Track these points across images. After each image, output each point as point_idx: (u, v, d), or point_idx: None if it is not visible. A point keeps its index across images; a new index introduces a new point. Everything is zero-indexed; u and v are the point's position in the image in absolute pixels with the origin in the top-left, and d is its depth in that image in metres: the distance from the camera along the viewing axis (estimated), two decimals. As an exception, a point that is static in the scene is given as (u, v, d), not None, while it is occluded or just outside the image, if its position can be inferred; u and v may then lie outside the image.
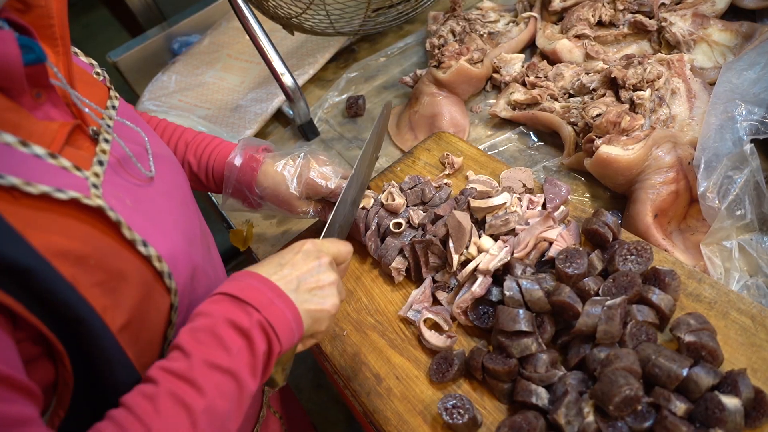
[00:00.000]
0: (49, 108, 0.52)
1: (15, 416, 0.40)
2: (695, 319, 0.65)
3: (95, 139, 0.55)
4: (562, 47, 1.15)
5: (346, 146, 1.24)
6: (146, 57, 1.59)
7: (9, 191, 0.43)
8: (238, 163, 0.84)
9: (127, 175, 0.57)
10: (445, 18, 1.34)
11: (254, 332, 0.52)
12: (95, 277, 0.47)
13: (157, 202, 0.59)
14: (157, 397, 0.47)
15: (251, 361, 0.52)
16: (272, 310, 0.54)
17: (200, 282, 0.63)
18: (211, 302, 0.54)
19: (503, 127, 1.14)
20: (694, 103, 0.94)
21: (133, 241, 0.51)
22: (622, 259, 0.73)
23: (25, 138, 0.47)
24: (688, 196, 0.85)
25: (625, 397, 0.57)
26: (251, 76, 1.44)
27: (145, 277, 0.52)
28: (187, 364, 0.49)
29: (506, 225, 0.80)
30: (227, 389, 0.50)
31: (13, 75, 0.46)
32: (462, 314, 0.77)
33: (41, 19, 0.53)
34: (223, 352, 0.50)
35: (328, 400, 2.01)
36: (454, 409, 0.66)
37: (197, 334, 0.51)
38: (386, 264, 0.84)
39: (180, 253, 0.57)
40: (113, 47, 1.61)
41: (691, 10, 1.08)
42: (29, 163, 0.46)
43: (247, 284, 0.56)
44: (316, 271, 0.61)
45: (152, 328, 0.55)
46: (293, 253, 0.62)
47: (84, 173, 0.50)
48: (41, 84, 0.51)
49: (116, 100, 0.64)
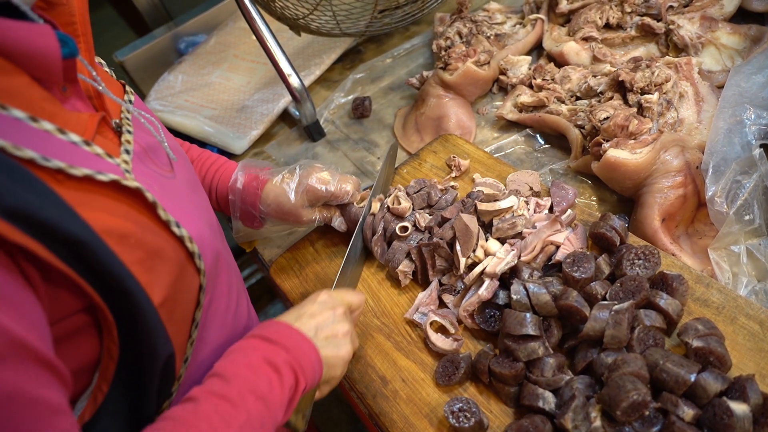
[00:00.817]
0: (75, 100, 0.54)
1: (51, 402, 0.41)
2: (703, 324, 0.65)
3: (118, 131, 0.57)
4: (569, 50, 1.15)
5: (352, 147, 1.24)
6: (153, 57, 1.60)
7: (54, 174, 0.45)
8: (240, 185, 0.87)
9: (152, 164, 0.60)
10: (451, 20, 1.34)
11: (284, 368, 0.58)
12: (136, 255, 0.49)
13: (179, 191, 0.62)
14: (200, 412, 0.51)
15: (280, 393, 0.57)
16: (298, 352, 0.61)
17: (222, 267, 0.65)
18: (246, 341, 0.61)
19: (510, 130, 1.14)
20: (702, 107, 0.94)
21: (167, 222, 0.53)
22: (629, 263, 0.72)
23: (61, 126, 0.48)
24: (696, 201, 0.85)
25: (632, 402, 0.57)
26: (257, 77, 1.44)
27: (179, 256, 0.54)
28: (227, 387, 0.54)
29: (513, 228, 0.80)
30: (260, 414, 0.54)
31: (51, 67, 0.48)
32: (468, 317, 0.77)
33: (64, 16, 0.55)
34: (257, 381, 0.56)
35: (330, 400, 2.01)
36: (460, 413, 0.66)
37: (235, 366, 0.57)
38: (393, 267, 0.84)
39: (205, 237, 0.59)
40: (118, 46, 1.62)
41: (699, 13, 1.07)
42: (67, 149, 0.48)
43: (275, 329, 0.62)
44: (331, 321, 0.67)
45: (184, 307, 0.57)
46: (310, 303, 0.68)
47: (115, 160, 0.52)
48: (69, 78, 0.53)
49: (132, 95, 0.67)
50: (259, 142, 1.32)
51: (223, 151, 1.29)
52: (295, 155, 1.27)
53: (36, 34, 0.46)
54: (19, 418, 0.38)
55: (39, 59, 0.46)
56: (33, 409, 0.39)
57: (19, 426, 0.38)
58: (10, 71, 0.45)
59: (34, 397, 0.39)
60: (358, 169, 1.19)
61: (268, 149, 1.30)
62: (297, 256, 0.97)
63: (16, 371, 0.38)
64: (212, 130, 1.29)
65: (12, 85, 0.46)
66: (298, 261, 0.96)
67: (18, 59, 0.46)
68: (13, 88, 0.46)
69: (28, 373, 0.39)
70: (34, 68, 0.47)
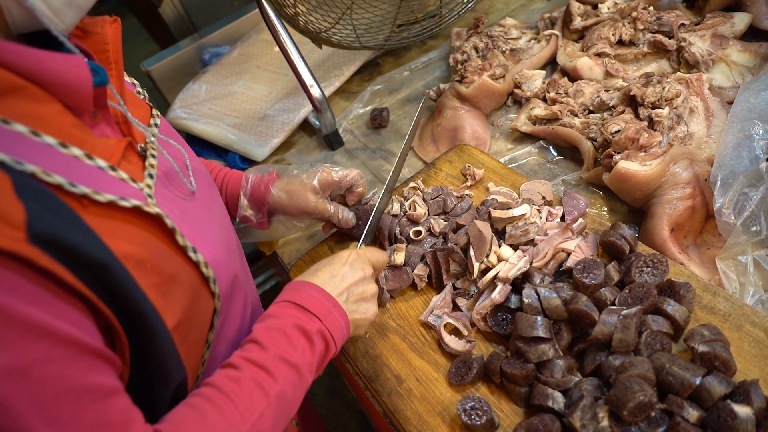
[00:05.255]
0: (104, 126, 0.57)
1: (104, 386, 0.44)
2: (709, 330, 0.67)
3: (143, 156, 0.60)
4: (582, 65, 1.18)
5: (370, 156, 1.28)
6: (178, 66, 1.65)
7: (80, 199, 0.47)
8: (250, 182, 0.90)
9: (173, 188, 0.62)
10: (468, 34, 1.38)
11: (316, 337, 0.62)
12: (152, 280, 0.51)
13: (199, 214, 0.64)
14: (241, 380, 0.55)
15: (311, 359, 0.62)
16: (330, 320, 0.65)
17: (238, 290, 0.67)
18: (281, 307, 0.65)
19: (523, 141, 1.17)
20: (711, 122, 0.96)
21: (185, 248, 0.55)
22: (638, 270, 0.75)
23: (89, 152, 0.51)
24: (704, 212, 0.87)
25: (639, 403, 0.59)
26: (279, 87, 1.49)
27: (194, 281, 0.56)
28: (264, 355, 0.58)
29: (526, 235, 0.83)
30: (293, 380, 0.59)
31: (83, 96, 0.50)
32: (481, 320, 0.79)
33: (97, 44, 0.58)
34: (291, 349, 0.60)
35: (341, 406, 2.04)
36: (472, 411, 0.69)
37: (271, 332, 0.61)
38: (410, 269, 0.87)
39: (221, 260, 0.61)
40: (142, 55, 1.67)
41: (711, 30, 1.10)
42: (94, 175, 0.50)
43: (308, 295, 0.66)
44: (361, 283, 0.71)
45: (197, 330, 0.59)
46: (341, 264, 0.71)
47: (139, 185, 0.55)
48: (99, 104, 0.55)
49: (158, 119, 0.70)
50: (279, 150, 1.37)
51: (245, 158, 1.34)
52: (315, 163, 1.31)
53: (71, 64, 0.49)
54: (77, 407, 0.42)
55: (72, 88, 0.49)
56: (88, 396, 0.42)
57: (79, 414, 0.42)
58: (44, 99, 0.48)
59: (88, 385, 0.43)
60: (375, 177, 1.22)
61: (288, 157, 1.35)
62: (316, 258, 1.00)
63: (66, 366, 0.41)
64: (235, 138, 1.34)
65: (45, 112, 0.48)
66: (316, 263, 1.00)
67: (51, 88, 0.48)
68: (46, 115, 0.48)
69: (79, 366, 0.42)
70: (67, 96, 0.50)
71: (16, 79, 0.46)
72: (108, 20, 0.59)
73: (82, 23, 0.58)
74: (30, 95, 0.47)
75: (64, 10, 0.49)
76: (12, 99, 0.46)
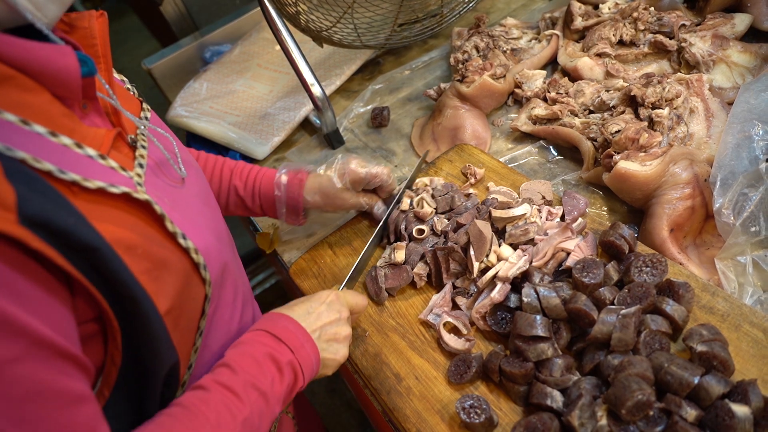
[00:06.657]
0: (94, 117, 0.57)
1: (74, 392, 0.44)
2: (708, 330, 0.67)
3: (133, 146, 0.60)
4: (583, 65, 1.18)
5: (370, 155, 1.28)
6: (179, 65, 1.65)
7: (69, 186, 0.48)
8: (284, 180, 0.93)
9: (164, 177, 0.63)
10: (469, 34, 1.38)
11: (286, 368, 0.64)
12: (142, 265, 0.51)
13: (190, 203, 0.65)
14: (210, 402, 0.56)
15: (279, 389, 0.63)
16: (302, 353, 0.67)
17: (228, 277, 0.68)
18: (255, 335, 0.66)
19: (524, 141, 1.17)
20: (711, 122, 0.97)
21: (174, 234, 0.56)
22: (637, 270, 0.75)
23: (79, 141, 0.52)
24: (703, 212, 0.87)
25: (637, 402, 0.60)
26: (279, 86, 1.49)
27: (184, 267, 0.57)
28: (235, 379, 0.59)
29: (525, 235, 0.83)
30: (261, 407, 0.60)
31: (71, 85, 0.51)
32: (481, 319, 0.80)
33: (85, 39, 0.59)
34: (261, 376, 0.61)
35: (341, 405, 2.04)
36: (471, 409, 0.69)
37: (243, 358, 0.62)
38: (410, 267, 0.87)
39: (212, 248, 0.62)
40: (143, 53, 1.67)
41: (711, 31, 1.10)
42: (83, 162, 0.51)
43: (283, 326, 0.68)
44: (336, 324, 0.73)
45: (189, 316, 0.60)
46: (319, 303, 0.74)
47: (128, 173, 0.55)
48: (88, 95, 0.56)
49: (148, 112, 0.70)
50: (280, 149, 1.37)
51: (245, 156, 1.34)
52: (315, 162, 1.31)
53: (58, 54, 0.49)
54: (44, 410, 0.41)
55: (60, 78, 0.49)
56: (57, 400, 0.42)
57: (46, 417, 0.41)
58: (33, 89, 0.49)
59: (58, 389, 0.42)
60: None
61: (289, 155, 1.35)
62: (315, 257, 1.01)
63: (38, 368, 0.41)
64: (236, 136, 1.34)
65: (35, 102, 0.49)
66: (316, 262, 1.00)
67: (40, 78, 0.49)
68: (36, 104, 0.49)
69: (52, 369, 0.42)
70: (55, 86, 0.50)
71: (5, 68, 0.47)
72: (95, 14, 0.60)
73: (69, 18, 0.58)
74: (19, 85, 0.48)
75: (46, 4, 0.49)
76: (1, 88, 0.47)
